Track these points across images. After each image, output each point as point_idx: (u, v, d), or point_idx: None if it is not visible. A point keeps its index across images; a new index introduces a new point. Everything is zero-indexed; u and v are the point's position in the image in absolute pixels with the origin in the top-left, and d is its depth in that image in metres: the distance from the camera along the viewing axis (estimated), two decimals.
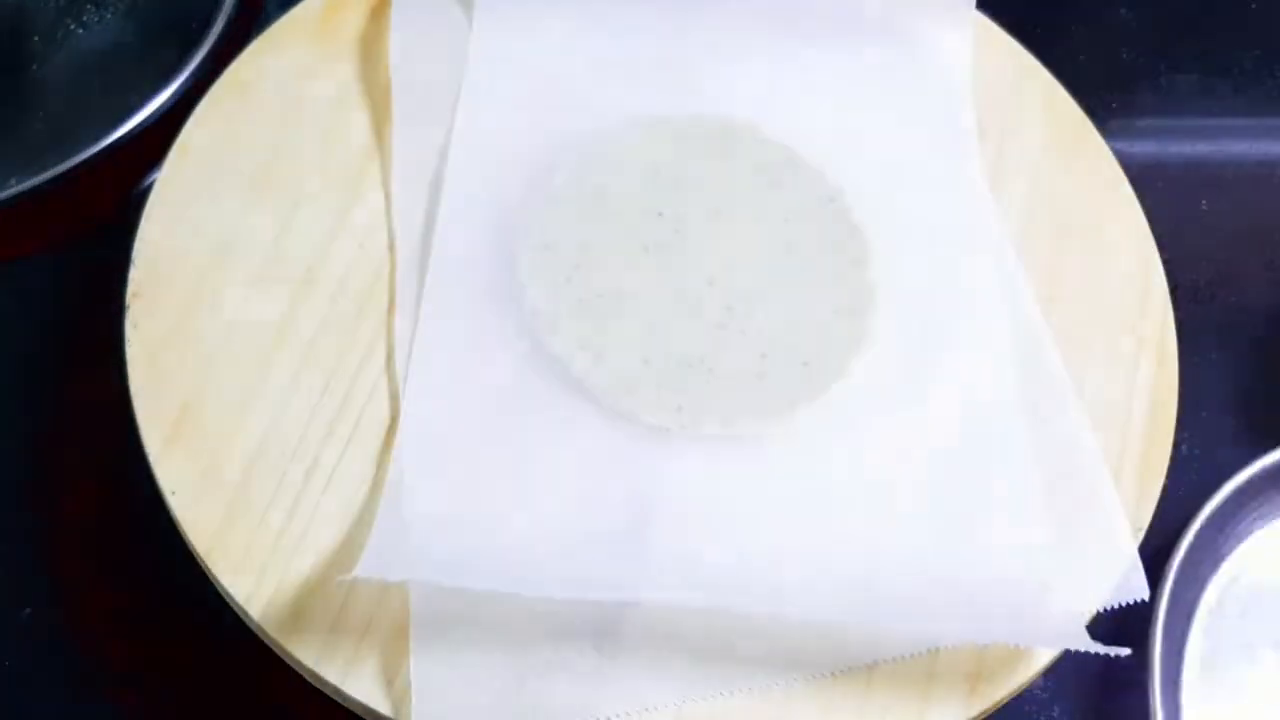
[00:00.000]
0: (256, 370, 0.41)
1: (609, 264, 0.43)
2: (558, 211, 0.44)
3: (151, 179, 0.45)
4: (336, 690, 0.37)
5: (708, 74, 0.48)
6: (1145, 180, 0.48)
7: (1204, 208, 0.54)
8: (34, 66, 0.54)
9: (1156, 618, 0.40)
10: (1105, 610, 0.39)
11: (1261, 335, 0.51)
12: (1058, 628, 0.38)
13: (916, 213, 0.46)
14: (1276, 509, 0.45)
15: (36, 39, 0.54)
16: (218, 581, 0.38)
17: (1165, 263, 0.46)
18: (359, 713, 0.37)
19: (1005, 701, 0.38)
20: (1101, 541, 0.39)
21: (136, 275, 0.43)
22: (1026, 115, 0.49)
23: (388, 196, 0.44)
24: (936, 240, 0.45)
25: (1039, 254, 0.46)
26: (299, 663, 0.37)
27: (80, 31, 0.54)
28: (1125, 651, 0.36)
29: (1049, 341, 0.43)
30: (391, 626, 0.37)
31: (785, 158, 0.46)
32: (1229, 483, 0.43)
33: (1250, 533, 0.45)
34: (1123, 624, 0.39)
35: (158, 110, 0.48)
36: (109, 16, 0.55)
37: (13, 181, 0.46)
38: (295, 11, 0.49)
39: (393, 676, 0.36)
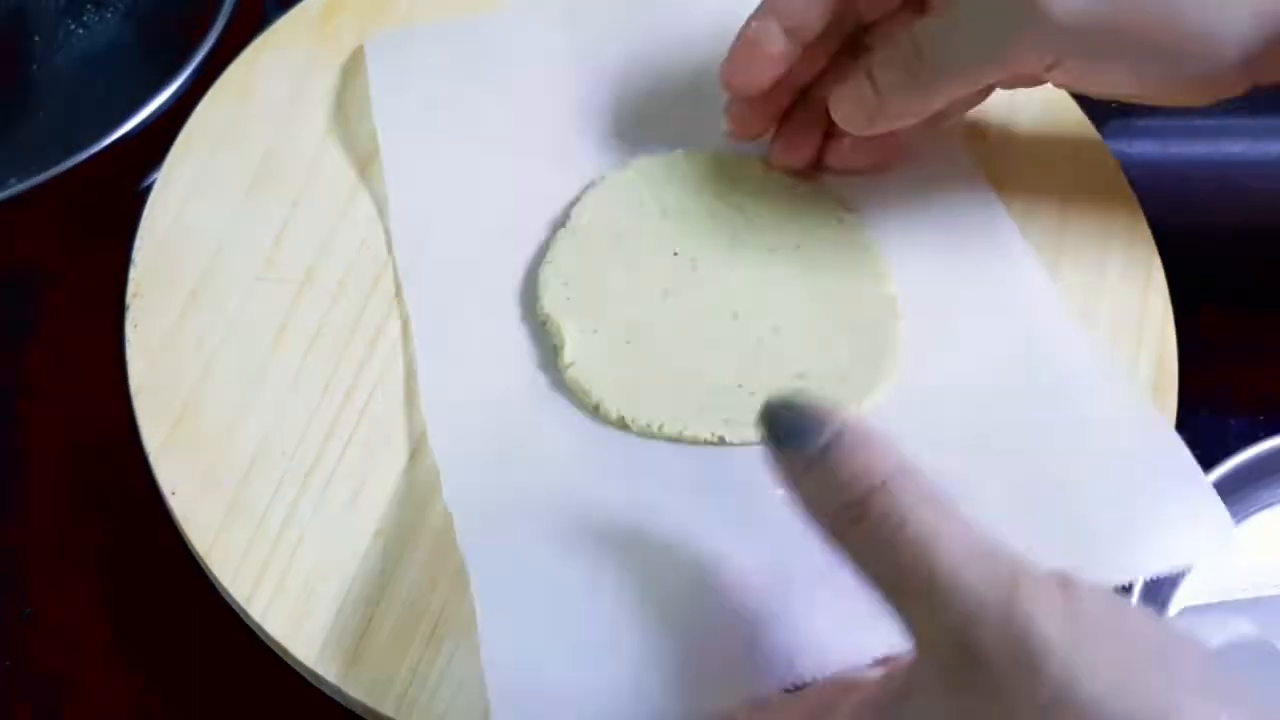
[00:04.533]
0: (256, 370, 0.41)
1: (633, 311, 0.42)
2: (575, 259, 0.43)
3: (151, 179, 0.45)
4: (336, 690, 0.37)
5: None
6: (1145, 180, 0.48)
7: (1203, 208, 0.54)
8: (34, 66, 0.54)
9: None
10: None
11: (1261, 335, 0.51)
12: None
13: (929, 225, 0.45)
14: (1269, 505, 0.45)
15: (37, 39, 0.54)
16: (218, 581, 0.38)
17: (1165, 263, 0.46)
18: (359, 712, 0.37)
19: None
20: (1179, 502, 0.39)
21: (136, 275, 0.43)
22: (1026, 116, 0.49)
23: (383, 208, 0.44)
24: (953, 250, 0.45)
25: (1038, 254, 0.45)
26: (299, 663, 0.37)
27: (80, 32, 0.55)
28: None
29: (1078, 340, 0.43)
30: (392, 627, 0.37)
31: (792, 181, 0.46)
32: (1216, 471, 0.43)
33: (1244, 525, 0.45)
34: None
35: (157, 110, 0.48)
36: (109, 17, 0.55)
37: (13, 181, 0.46)
38: (294, 12, 0.49)
39: (393, 676, 0.36)
